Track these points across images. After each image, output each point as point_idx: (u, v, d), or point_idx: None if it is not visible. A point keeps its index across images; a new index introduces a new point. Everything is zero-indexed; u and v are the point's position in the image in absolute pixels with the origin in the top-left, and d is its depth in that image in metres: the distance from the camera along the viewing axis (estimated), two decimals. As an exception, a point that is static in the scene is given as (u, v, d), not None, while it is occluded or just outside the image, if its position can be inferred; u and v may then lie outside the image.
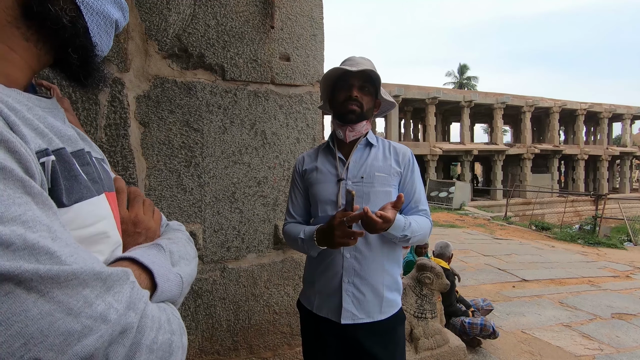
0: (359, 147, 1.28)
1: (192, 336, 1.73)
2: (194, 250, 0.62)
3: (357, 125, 1.25)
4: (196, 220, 1.71)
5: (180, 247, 0.56)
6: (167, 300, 0.47)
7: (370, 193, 1.21)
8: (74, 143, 0.46)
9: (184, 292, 0.51)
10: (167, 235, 0.59)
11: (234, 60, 1.73)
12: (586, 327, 3.46)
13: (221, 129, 1.73)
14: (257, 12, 1.76)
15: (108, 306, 0.34)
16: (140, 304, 0.38)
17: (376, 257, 1.21)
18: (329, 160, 1.30)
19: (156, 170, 1.63)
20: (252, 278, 1.84)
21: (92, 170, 0.47)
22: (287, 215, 1.38)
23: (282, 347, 1.94)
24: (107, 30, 0.48)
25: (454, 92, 24.42)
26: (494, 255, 6.82)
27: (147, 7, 1.57)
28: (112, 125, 1.54)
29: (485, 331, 2.79)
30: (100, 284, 0.34)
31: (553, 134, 25.42)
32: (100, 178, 0.49)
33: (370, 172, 1.23)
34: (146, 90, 1.59)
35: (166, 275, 0.47)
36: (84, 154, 0.47)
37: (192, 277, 0.55)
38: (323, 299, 1.25)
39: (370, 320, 1.20)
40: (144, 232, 0.55)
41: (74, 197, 0.41)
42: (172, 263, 0.52)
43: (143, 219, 0.56)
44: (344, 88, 1.23)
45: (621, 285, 5.09)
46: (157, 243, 0.53)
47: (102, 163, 0.54)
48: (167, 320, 0.42)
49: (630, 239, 11.01)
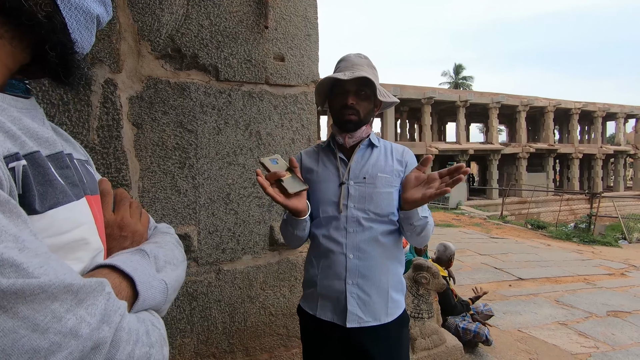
0: (361, 148, 1.26)
1: (187, 339, 1.71)
2: (182, 253, 0.60)
3: (357, 132, 1.22)
4: (191, 222, 1.69)
5: (167, 251, 0.54)
6: (151, 307, 0.46)
7: (372, 194, 1.19)
8: (52, 145, 0.44)
9: (170, 299, 0.49)
10: (154, 238, 0.57)
11: (227, 61, 1.72)
12: (582, 325, 3.47)
13: (215, 130, 1.71)
14: (250, 12, 1.75)
15: (79, 320, 0.32)
16: (116, 316, 0.36)
17: (380, 256, 1.18)
18: (330, 160, 1.27)
19: (150, 172, 1.61)
20: (248, 280, 1.83)
21: (72, 173, 0.45)
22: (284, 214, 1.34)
23: (279, 349, 1.93)
24: (87, 26, 0.46)
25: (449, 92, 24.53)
26: (490, 254, 6.85)
27: (140, 7, 1.56)
28: (104, 127, 1.52)
29: (478, 338, 2.77)
30: (71, 297, 0.32)
31: (548, 133, 25.58)
32: (82, 181, 0.47)
33: (372, 172, 1.21)
34: (139, 91, 1.58)
35: (149, 282, 0.46)
36: (62, 156, 0.45)
37: (180, 282, 0.54)
38: (326, 302, 1.20)
39: (377, 323, 1.16)
40: (130, 236, 0.53)
41: (48, 203, 0.39)
42: (157, 269, 0.50)
43: (129, 222, 0.54)
44: (339, 94, 1.20)
45: (616, 283, 5.13)
46: (141, 248, 0.51)
47: (85, 165, 0.52)
48: (145, 333, 0.40)
49: (625, 236, 11.10)
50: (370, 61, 1.24)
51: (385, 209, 1.19)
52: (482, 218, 13.73)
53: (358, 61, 1.21)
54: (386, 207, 1.20)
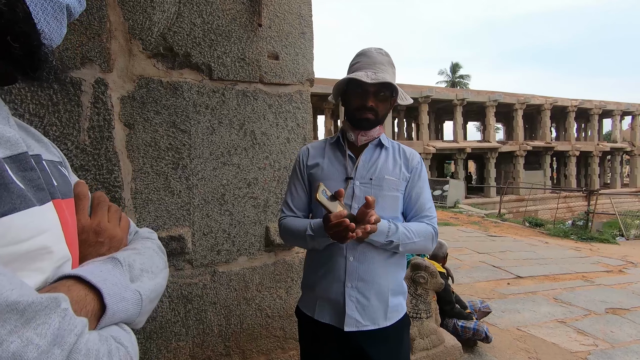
0: (370, 147, 1.22)
1: (182, 342, 1.68)
2: (164, 260, 0.56)
3: (371, 131, 1.19)
4: (185, 223, 1.67)
5: (145, 259, 0.51)
6: (122, 321, 0.42)
7: (378, 196, 1.14)
8: (13, 145, 0.40)
9: (146, 310, 0.46)
10: (133, 244, 0.54)
11: (221, 60, 1.69)
12: (581, 322, 3.47)
13: (209, 130, 1.69)
14: (244, 9, 1.73)
15: (25, 343, 0.29)
16: (71, 336, 0.33)
17: (381, 260, 1.15)
18: (337, 157, 1.23)
19: (142, 173, 1.58)
20: (244, 281, 1.80)
21: (37, 175, 0.42)
22: (284, 208, 1.28)
23: (276, 351, 1.90)
24: (55, 16, 0.43)
25: (446, 91, 24.55)
26: (488, 252, 6.84)
27: (131, 5, 1.53)
28: (95, 128, 1.49)
29: (478, 336, 2.75)
30: (16, 317, 0.29)
31: (545, 131, 25.65)
32: (51, 184, 0.43)
33: (379, 174, 1.17)
34: (131, 91, 1.55)
35: (119, 293, 0.42)
36: (25, 157, 0.41)
37: (159, 291, 0.50)
38: (324, 304, 1.18)
39: (375, 327, 1.14)
40: (107, 242, 0.50)
41: (1, 209, 0.35)
42: (132, 278, 0.46)
43: (107, 227, 0.50)
44: (358, 94, 1.16)
45: (614, 280, 5.13)
46: (114, 256, 0.47)
47: (58, 167, 0.48)
48: (107, 353, 0.37)
49: (622, 233, 11.12)
50: (390, 59, 1.19)
51: (389, 213, 1.16)
52: (480, 216, 13.74)
53: (379, 59, 1.16)
54: (390, 211, 1.17)
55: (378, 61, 1.15)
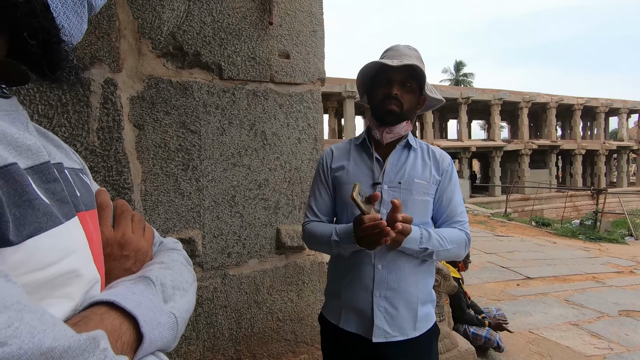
0: (398, 149, 1.15)
1: (192, 347, 1.65)
2: (192, 274, 0.52)
3: (396, 127, 1.12)
4: (195, 225, 1.64)
5: (176, 274, 0.47)
6: (159, 349, 0.38)
7: (407, 201, 1.08)
8: (35, 154, 0.36)
9: (180, 333, 0.42)
10: (159, 257, 0.49)
11: (231, 59, 1.66)
12: (594, 325, 3.40)
13: (219, 130, 1.66)
14: (254, 7, 1.69)
15: None
16: None
17: (411, 267, 1.09)
18: (364, 160, 1.17)
19: (152, 175, 1.55)
20: (254, 284, 1.77)
21: (61, 187, 0.37)
22: (308, 213, 1.23)
23: (287, 355, 1.87)
24: (76, 10, 0.38)
25: (450, 89, 24.44)
26: (496, 252, 6.77)
27: (140, 3, 1.50)
28: (104, 128, 1.46)
29: (489, 344, 2.69)
30: None
31: (550, 130, 25.44)
32: (74, 195, 0.39)
33: (408, 178, 1.11)
34: (140, 91, 1.52)
35: (155, 319, 0.38)
36: (48, 167, 0.37)
37: (190, 309, 0.46)
38: (350, 313, 1.13)
39: (404, 338, 1.09)
40: (133, 255, 0.46)
41: (26, 231, 0.30)
42: (165, 298, 0.42)
43: (131, 239, 0.46)
44: (382, 84, 1.10)
45: (626, 281, 5.05)
46: (146, 275, 0.43)
47: (79, 174, 0.44)
48: None
49: (631, 233, 10.99)
50: (419, 54, 1.14)
51: (419, 218, 1.10)
52: (485, 215, 13.64)
53: (407, 52, 1.11)
54: (420, 217, 1.11)
55: (405, 53, 1.10)
